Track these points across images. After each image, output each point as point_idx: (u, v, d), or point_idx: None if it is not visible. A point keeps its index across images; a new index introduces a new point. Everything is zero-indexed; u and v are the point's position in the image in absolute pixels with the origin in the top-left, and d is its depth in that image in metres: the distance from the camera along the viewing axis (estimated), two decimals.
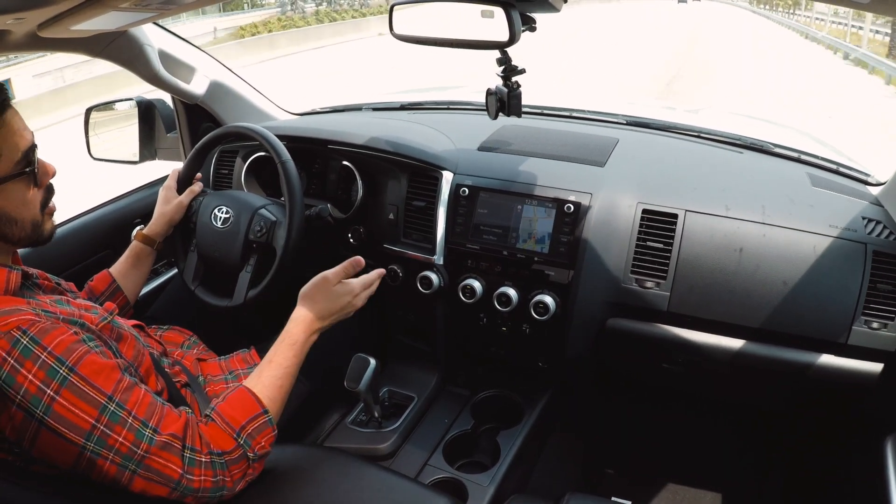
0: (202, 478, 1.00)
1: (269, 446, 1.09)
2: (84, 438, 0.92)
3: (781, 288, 1.37)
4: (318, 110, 2.28)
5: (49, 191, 1.09)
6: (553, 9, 1.24)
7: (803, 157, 1.75)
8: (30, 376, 0.90)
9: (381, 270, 1.35)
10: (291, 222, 1.48)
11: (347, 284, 1.27)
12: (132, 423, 0.95)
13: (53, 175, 1.09)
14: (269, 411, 1.10)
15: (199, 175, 1.66)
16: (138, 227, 1.57)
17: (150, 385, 1.12)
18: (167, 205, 1.59)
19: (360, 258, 1.30)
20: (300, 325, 1.21)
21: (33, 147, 1.02)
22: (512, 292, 1.56)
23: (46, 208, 1.09)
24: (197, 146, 1.61)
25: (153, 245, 1.55)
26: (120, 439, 0.93)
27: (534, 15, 1.24)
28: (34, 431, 0.91)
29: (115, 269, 1.51)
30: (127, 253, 1.54)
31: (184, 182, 1.63)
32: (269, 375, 1.15)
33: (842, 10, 21.45)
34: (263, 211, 1.55)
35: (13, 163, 0.99)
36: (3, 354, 0.90)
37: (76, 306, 1.08)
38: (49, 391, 0.90)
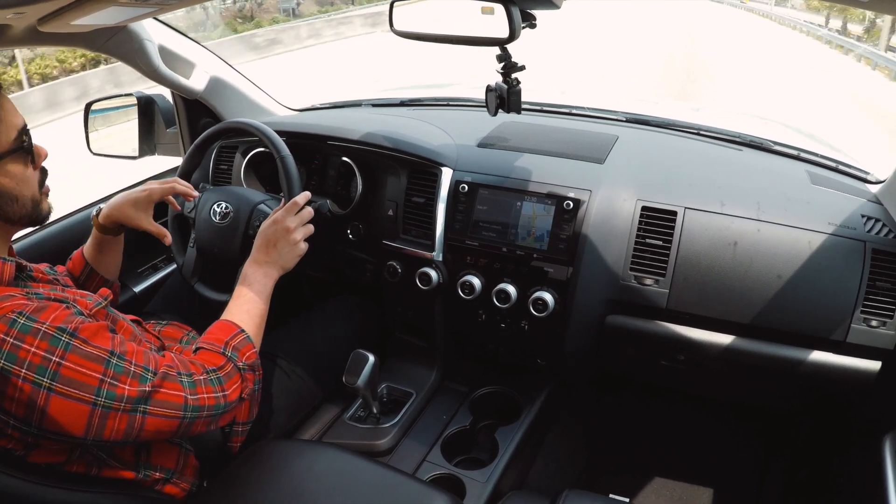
0: (205, 395, 1.09)
1: (254, 359, 1.22)
2: (94, 395, 0.96)
3: (777, 284, 1.38)
4: (318, 106, 2.28)
5: (43, 172, 1.12)
6: (553, 5, 1.23)
7: (802, 154, 1.75)
8: (32, 349, 0.93)
9: (307, 194, 1.43)
10: None
11: (278, 219, 1.39)
12: (135, 371, 1.01)
13: (46, 157, 1.12)
14: (245, 330, 1.24)
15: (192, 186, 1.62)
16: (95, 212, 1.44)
17: None
18: (139, 190, 1.43)
19: (304, 194, 1.43)
20: (249, 265, 1.35)
21: (26, 126, 1.05)
22: (511, 289, 1.56)
23: (43, 188, 1.12)
24: (195, 143, 1.61)
25: (103, 230, 1.42)
26: (127, 387, 0.99)
27: (534, 12, 1.24)
28: (43, 402, 0.93)
29: (87, 253, 1.44)
30: (90, 240, 1.45)
31: (183, 178, 1.63)
32: (235, 306, 1.29)
33: None
34: (263, 206, 1.55)
35: (11, 140, 1.02)
36: (2, 336, 0.92)
37: (70, 293, 1.10)
38: (54, 358, 0.94)
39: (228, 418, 1.17)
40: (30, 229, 1.43)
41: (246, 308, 1.28)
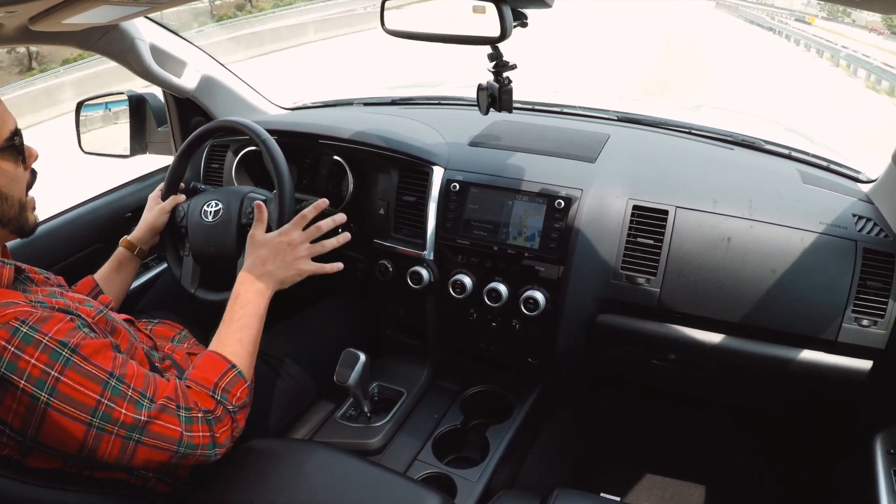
0: (201, 434, 1.07)
1: (245, 397, 1.17)
2: (90, 415, 0.95)
3: (769, 282, 1.38)
4: (309, 105, 2.27)
5: (33, 174, 1.12)
6: (544, 5, 1.23)
7: (794, 153, 1.75)
8: (32, 360, 0.92)
9: (323, 202, 1.42)
10: (282, 197, 1.45)
11: (284, 231, 1.36)
12: (132, 396, 1.00)
13: (36, 158, 1.11)
14: (237, 365, 1.18)
15: (181, 186, 1.65)
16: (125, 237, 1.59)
17: None
18: (150, 211, 1.60)
19: (319, 203, 1.41)
20: (242, 278, 1.31)
21: (17, 127, 1.05)
22: (502, 288, 1.56)
23: (29, 192, 1.11)
24: (181, 147, 1.59)
25: (134, 251, 1.56)
26: (123, 411, 0.98)
27: (525, 11, 1.24)
28: (40, 415, 0.93)
29: (99, 273, 1.53)
30: (111, 258, 1.55)
31: (172, 184, 1.62)
32: (227, 334, 1.23)
33: None
34: (252, 194, 1.54)
35: (3, 138, 1.02)
36: (3, 343, 0.91)
37: (70, 299, 1.09)
38: (53, 373, 0.93)
39: (221, 455, 1.14)
40: None
41: (238, 337, 1.23)
